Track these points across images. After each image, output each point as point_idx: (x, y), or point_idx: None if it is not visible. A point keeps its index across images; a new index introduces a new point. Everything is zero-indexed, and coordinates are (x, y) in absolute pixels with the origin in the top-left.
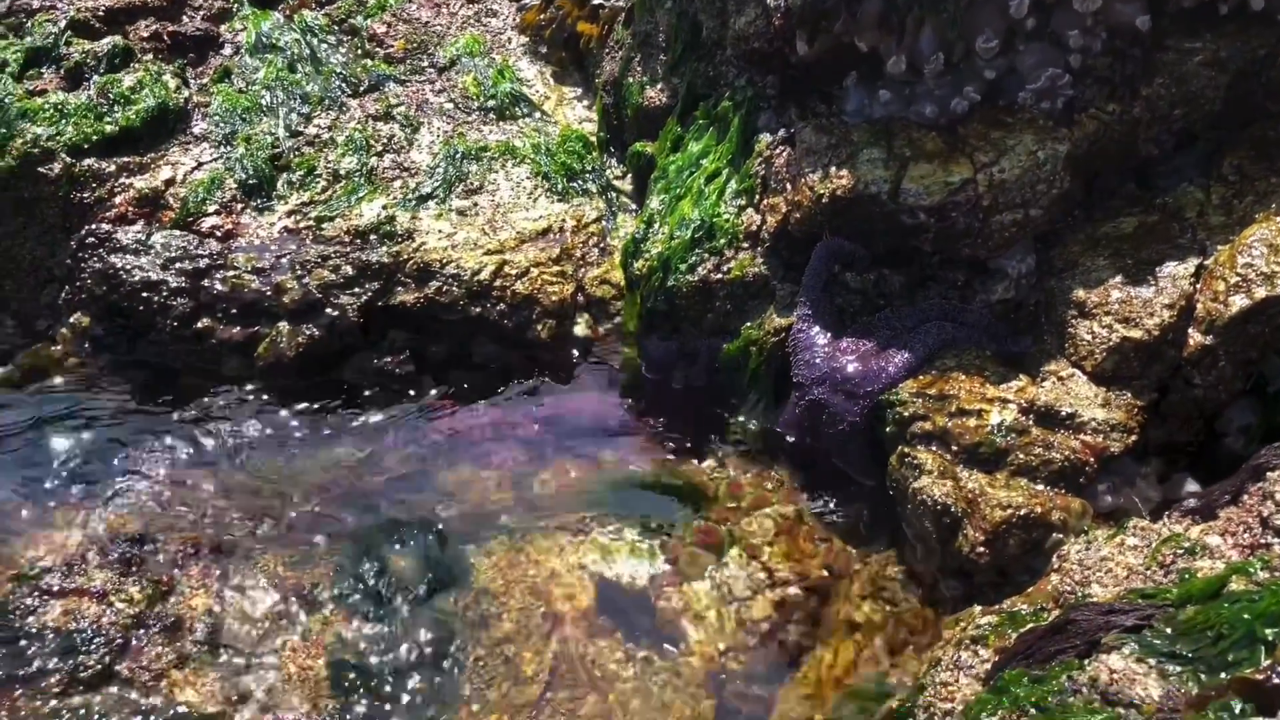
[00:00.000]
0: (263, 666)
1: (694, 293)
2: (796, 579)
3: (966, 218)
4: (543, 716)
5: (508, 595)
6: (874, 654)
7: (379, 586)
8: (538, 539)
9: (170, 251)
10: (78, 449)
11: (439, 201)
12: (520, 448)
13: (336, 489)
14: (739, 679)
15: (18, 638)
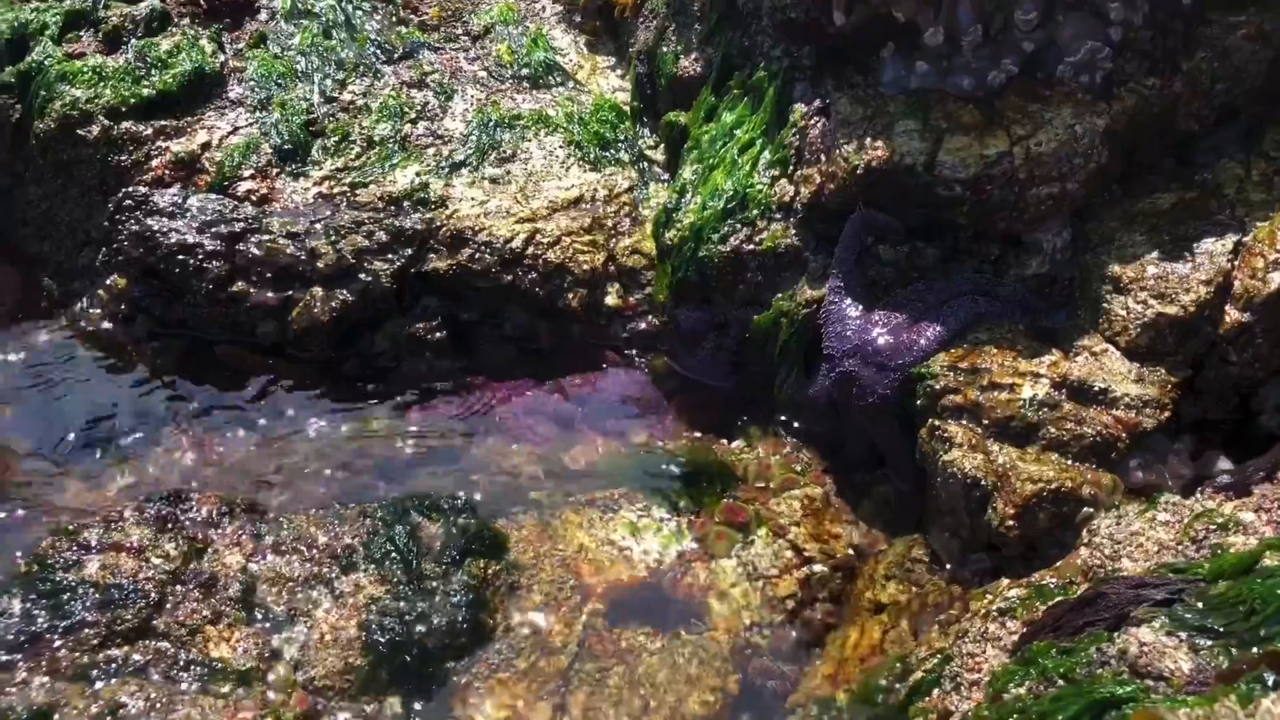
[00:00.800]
0: (295, 626)
1: (726, 263)
2: (823, 559)
3: (1002, 191)
4: (571, 687)
5: (537, 567)
6: (900, 634)
7: (410, 553)
8: (567, 513)
9: (206, 215)
10: (114, 409)
11: (472, 169)
12: (550, 421)
13: (368, 455)
14: (764, 655)
15: (57, 591)
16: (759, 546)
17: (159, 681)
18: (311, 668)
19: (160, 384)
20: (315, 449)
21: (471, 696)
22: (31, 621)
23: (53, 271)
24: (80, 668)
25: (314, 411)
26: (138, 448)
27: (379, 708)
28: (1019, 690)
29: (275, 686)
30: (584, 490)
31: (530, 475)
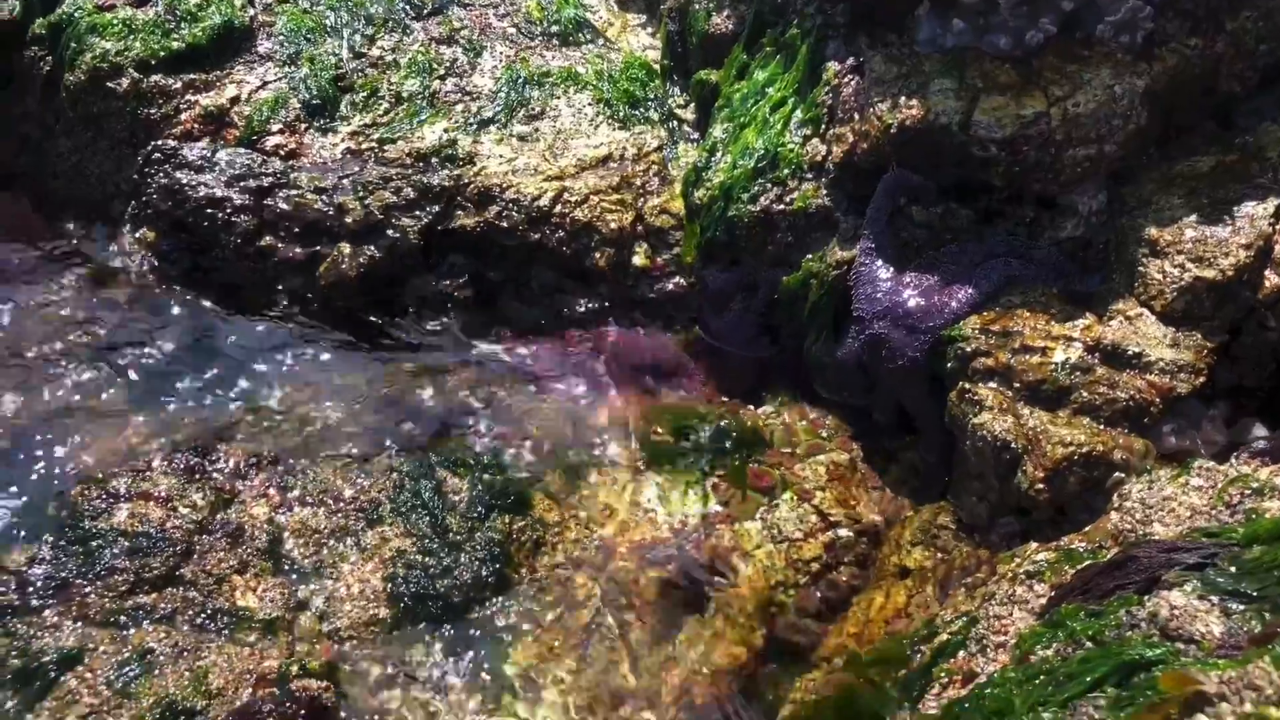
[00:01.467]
0: (321, 576)
1: (755, 223)
2: (848, 523)
3: (1038, 152)
4: (594, 640)
5: (562, 524)
6: (925, 599)
7: (436, 508)
8: (592, 472)
9: (234, 169)
10: (143, 360)
11: (500, 126)
12: (577, 380)
13: (395, 410)
14: (789, 614)
15: (87, 538)
16: (784, 510)
17: (186, 629)
18: (336, 618)
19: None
20: (341, 402)
21: (495, 648)
22: (62, 567)
23: (82, 220)
24: (109, 613)
25: (342, 364)
26: (165, 394)
27: (403, 658)
28: (1046, 652)
29: (300, 636)
30: (609, 450)
31: (556, 433)
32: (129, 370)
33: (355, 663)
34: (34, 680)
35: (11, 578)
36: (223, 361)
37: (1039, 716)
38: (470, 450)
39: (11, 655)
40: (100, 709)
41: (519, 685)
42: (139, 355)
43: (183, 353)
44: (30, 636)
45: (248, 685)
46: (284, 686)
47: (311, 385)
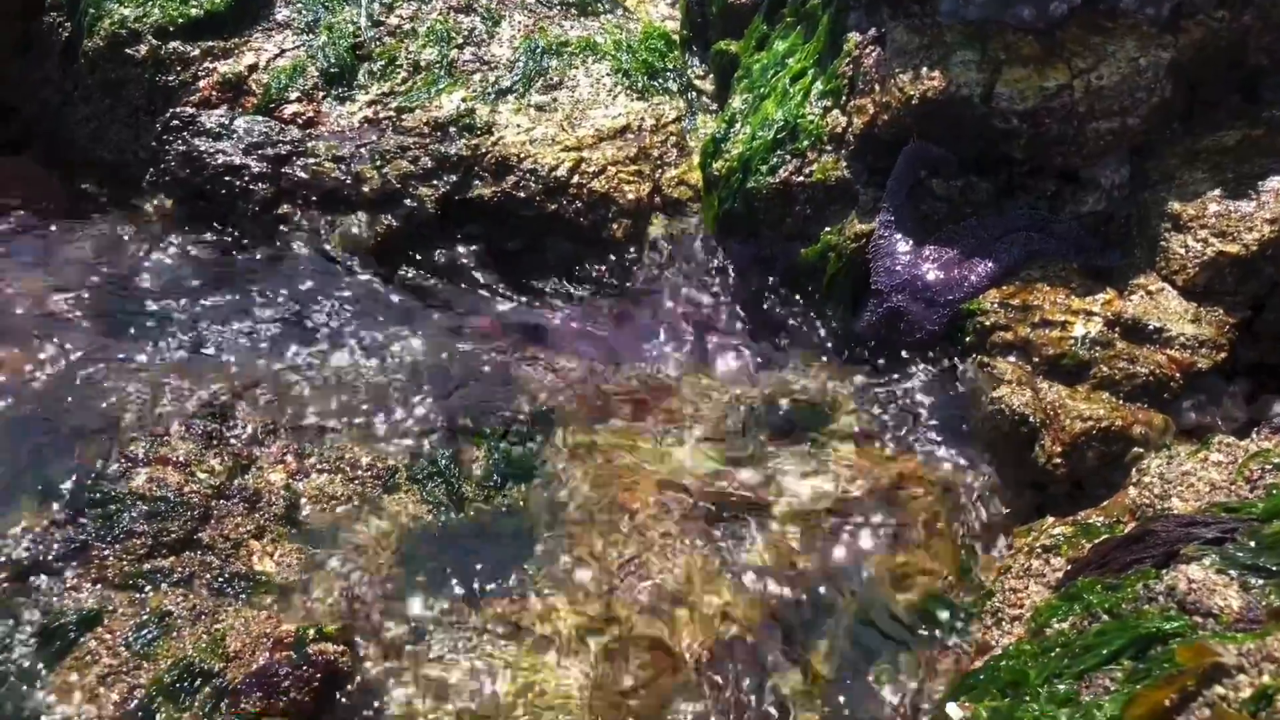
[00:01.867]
0: (337, 541)
1: (774, 195)
2: (867, 485)
3: (1060, 125)
4: (615, 604)
5: (579, 486)
6: (942, 563)
7: (453, 473)
8: (609, 435)
9: (252, 137)
10: (160, 326)
11: (518, 96)
12: (594, 345)
13: (411, 376)
14: (809, 572)
15: (106, 501)
16: (803, 471)
17: (203, 592)
18: (352, 583)
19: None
20: (359, 366)
21: (512, 611)
22: (81, 530)
23: (100, 186)
24: (128, 576)
25: (358, 332)
26: (181, 356)
27: (420, 622)
28: (1062, 625)
29: (317, 600)
30: (626, 412)
31: (574, 397)
32: (145, 335)
33: (371, 627)
34: (54, 640)
35: (31, 539)
36: (240, 327)
37: (1054, 688)
38: (486, 415)
39: (32, 615)
40: (119, 669)
41: (536, 650)
42: (156, 321)
43: (198, 319)
44: (50, 597)
45: (265, 649)
46: (301, 650)
47: (327, 351)
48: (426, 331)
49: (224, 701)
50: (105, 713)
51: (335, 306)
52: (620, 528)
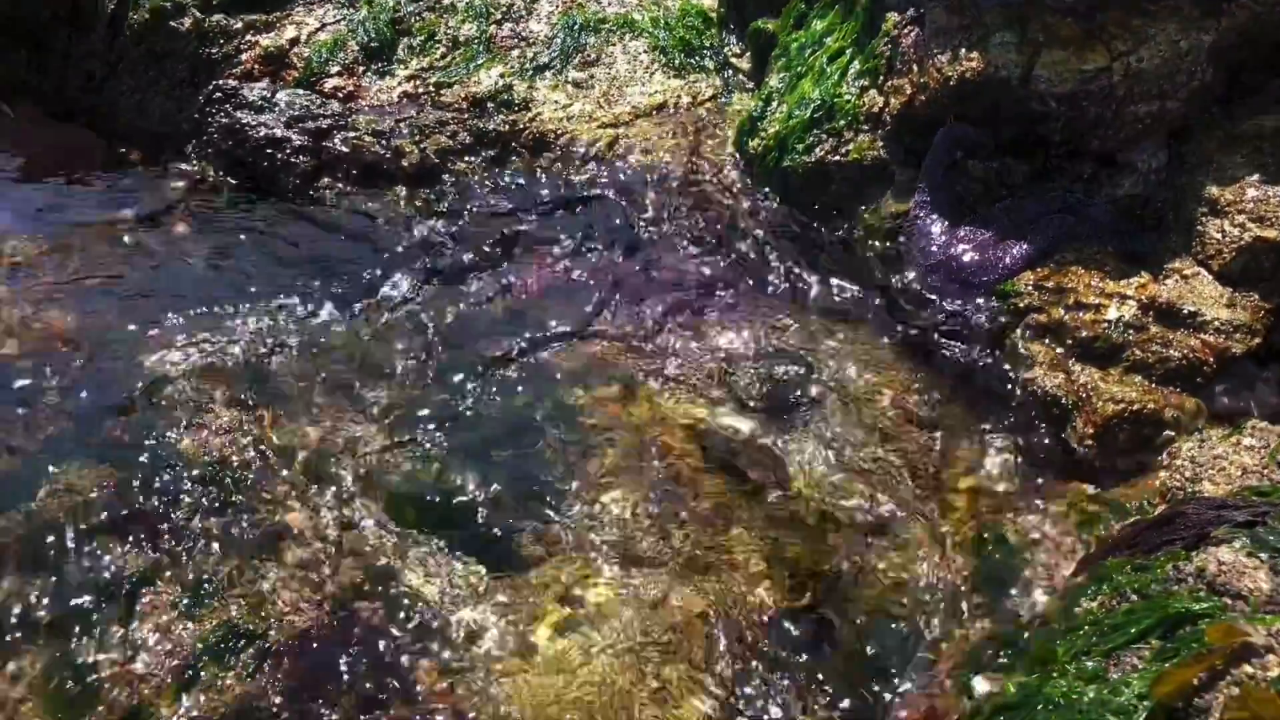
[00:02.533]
0: (372, 497)
1: (810, 174)
2: (902, 442)
3: (1099, 107)
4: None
5: (613, 434)
6: (974, 530)
7: (483, 427)
8: (644, 386)
9: (294, 110)
10: (204, 292)
11: (556, 72)
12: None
13: (445, 339)
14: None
15: (152, 464)
16: (837, 432)
17: (246, 551)
18: (389, 535)
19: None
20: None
21: (543, 564)
22: (128, 492)
23: (144, 156)
24: (174, 536)
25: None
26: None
27: (453, 571)
28: (1090, 604)
29: (352, 555)
30: (661, 364)
31: (609, 349)
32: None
33: (406, 581)
34: (104, 599)
35: (82, 501)
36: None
37: (1082, 665)
38: (518, 373)
39: (82, 575)
40: (165, 627)
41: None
42: (197, 286)
43: (239, 285)
44: (99, 556)
45: (305, 606)
46: (341, 606)
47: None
48: (462, 299)
49: (268, 658)
50: (153, 671)
51: (372, 275)
52: (656, 481)
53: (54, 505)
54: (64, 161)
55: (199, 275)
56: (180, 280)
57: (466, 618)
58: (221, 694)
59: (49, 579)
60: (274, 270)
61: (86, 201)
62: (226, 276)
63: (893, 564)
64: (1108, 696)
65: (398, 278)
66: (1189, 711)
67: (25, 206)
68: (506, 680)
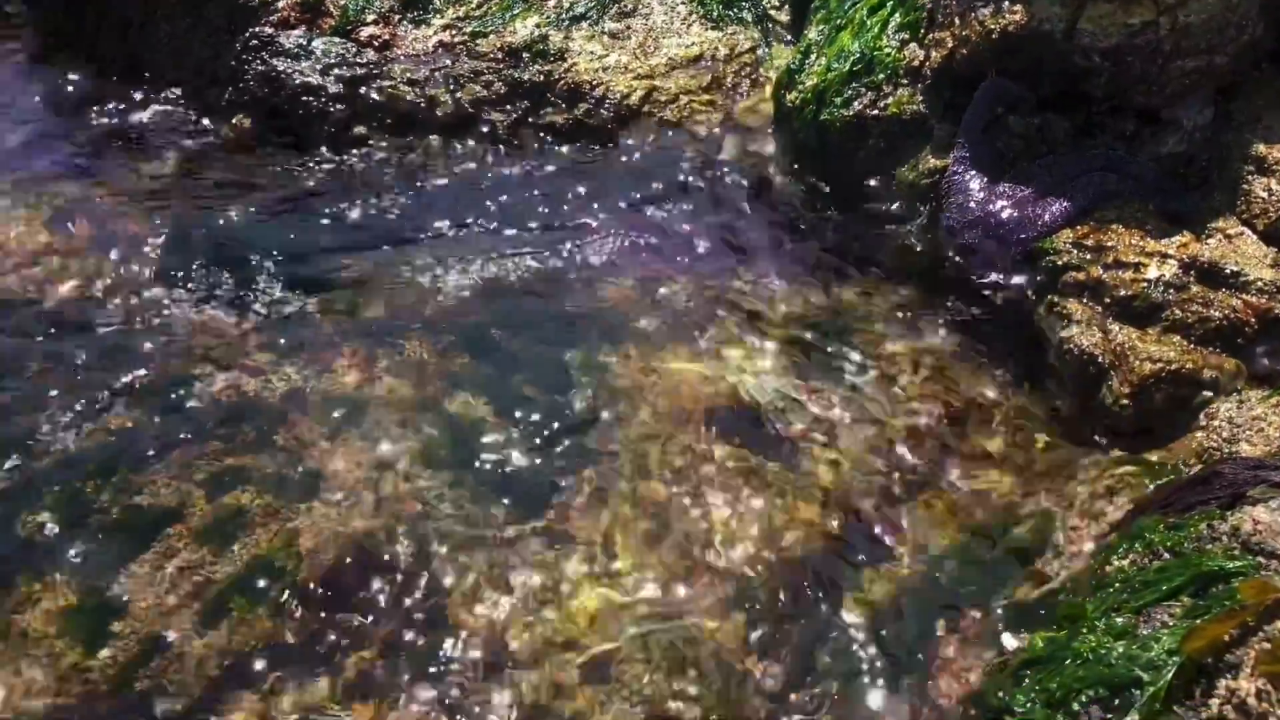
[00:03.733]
0: (405, 442)
1: (847, 128)
2: (934, 408)
3: (1144, 63)
4: (669, 511)
5: (639, 397)
6: (1007, 489)
7: (516, 378)
8: (670, 347)
9: (330, 58)
10: (237, 238)
11: (591, 23)
12: (658, 259)
13: (478, 287)
14: (868, 496)
15: (185, 404)
16: (869, 392)
17: (276, 490)
18: (420, 481)
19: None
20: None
21: (572, 515)
22: (163, 429)
23: (180, 104)
24: (205, 474)
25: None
26: (257, 268)
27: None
28: (1122, 562)
29: (386, 497)
30: (689, 326)
31: (636, 307)
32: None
33: (437, 526)
34: (137, 533)
35: (117, 436)
36: (315, 240)
37: (1112, 621)
38: (551, 324)
39: (116, 509)
40: (197, 562)
41: (590, 552)
42: (233, 233)
43: (275, 231)
44: (134, 492)
45: (335, 547)
46: (371, 549)
47: (399, 262)
48: (496, 250)
49: (297, 596)
50: (183, 604)
51: (406, 223)
52: (680, 440)
53: (88, 444)
54: (99, 113)
55: (234, 224)
56: (215, 229)
57: (495, 562)
58: (251, 627)
59: (82, 514)
60: (309, 218)
61: (122, 154)
62: (260, 225)
63: (920, 522)
64: (1137, 651)
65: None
66: (1219, 667)
67: (61, 160)
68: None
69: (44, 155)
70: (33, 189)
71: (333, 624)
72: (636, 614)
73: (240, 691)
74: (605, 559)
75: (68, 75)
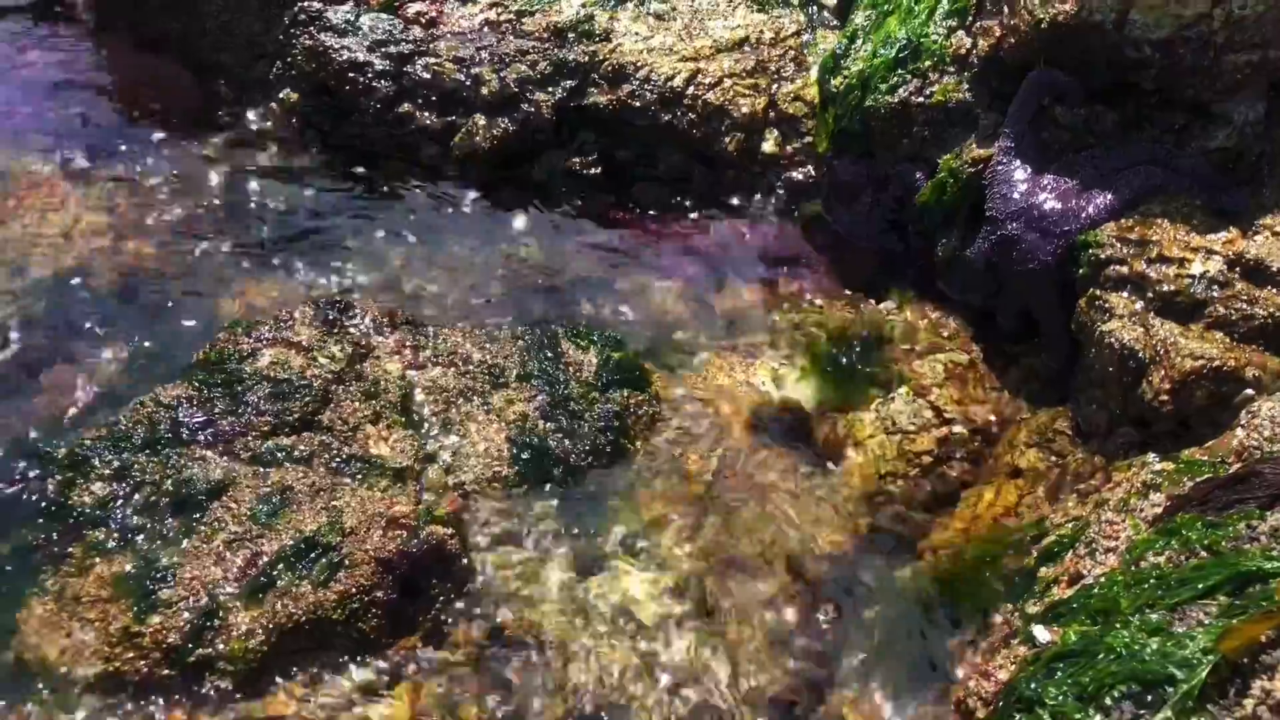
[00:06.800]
0: (449, 433)
1: (892, 115)
2: (963, 421)
3: (1195, 55)
4: (704, 513)
5: (678, 402)
6: (1035, 499)
7: (558, 377)
8: (710, 354)
9: (377, 34)
10: (284, 218)
11: (637, 4)
12: (699, 263)
13: (522, 279)
14: (896, 503)
15: (232, 381)
16: (899, 404)
17: (322, 471)
18: (462, 472)
19: (328, 192)
20: (473, 267)
21: (608, 512)
22: (210, 405)
23: (229, 81)
24: (252, 451)
25: (473, 232)
26: (303, 252)
27: (523, 513)
28: (1157, 559)
29: (428, 486)
30: (728, 334)
31: (676, 314)
32: (270, 224)
33: (477, 515)
34: (186, 506)
35: (166, 412)
36: (360, 222)
37: (1146, 618)
38: (593, 325)
39: (166, 483)
40: (243, 536)
41: (628, 548)
42: (281, 210)
43: (321, 211)
44: (182, 466)
45: (379, 527)
46: (412, 530)
47: (443, 249)
48: (538, 235)
49: (340, 574)
50: (230, 575)
51: (451, 207)
52: (717, 444)
53: (138, 418)
54: (149, 88)
55: (282, 200)
56: (263, 205)
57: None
58: (296, 602)
59: (134, 486)
60: (357, 197)
61: (172, 129)
62: (308, 202)
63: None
64: (1171, 649)
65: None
66: (1255, 667)
67: (112, 136)
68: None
69: (95, 130)
70: (84, 164)
71: (377, 603)
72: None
73: (284, 665)
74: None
75: (120, 50)
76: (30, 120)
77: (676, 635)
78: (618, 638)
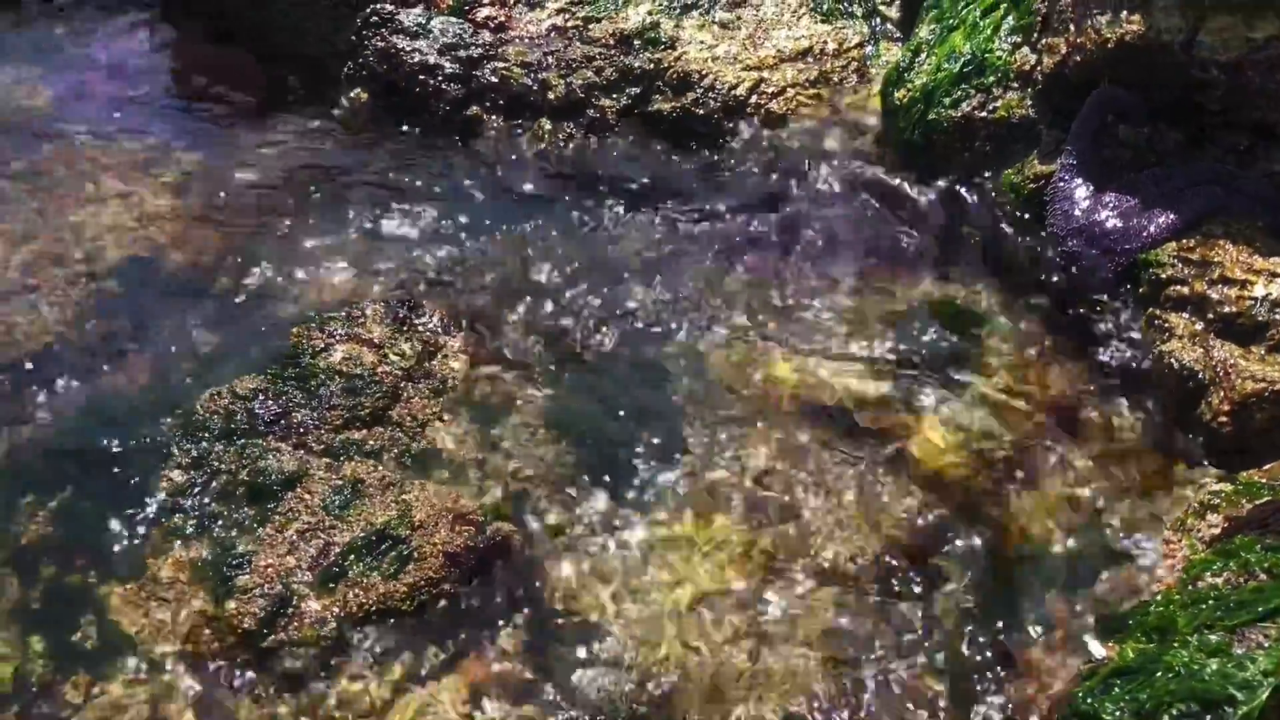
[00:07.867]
0: (511, 425)
1: (954, 129)
2: (1031, 410)
3: (1263, 78)
4: (760, 500)
5: (738, 388)
6: (1099, 494)
7: (620, 365)
8: (773, 341)
9: (447, 37)
10: (356, 215)
11: (703, 12)
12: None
13: (585, 273)
14: (961, 493)
15: (306, 375)
16: (966, 392)
17: (392, 465)
18: (525, 467)
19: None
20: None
21: (667, 506)
22: (283, 399)
23: (299, 76)
24: (325, 444)
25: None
26: (376, 245)
27: (582, 504)
28: (1215, 580)
29: (491, 478)
30: (792, 322)
31: (741, 300)
32: (342, 220)
33: (538, 509)
34: (261, 496)
35: (241, 404)
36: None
37: (1205, 638)
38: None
39: (241, 474)
40: (316, 526)
41: (690, 538)
42: (354, 206)
43: (392, 209)
44: (257, 458)
45: (446, 522)
46: (479, 526)
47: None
48: (600, 237)
49: (410, 566)
50: (303, 564)
51: (517, 208)
52: (765, 436)
53: (214, 409)
54: (222, 82)
55: (352, 198)
56: (333, 202)
57: (593, 544)
58: (366, 591)
59: (211, 474)
60: (426, 198)
61: (245, 122)
62: (378, 200)
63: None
64: (1231, 670)
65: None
66: None
67: (186, 126)
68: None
69: (170, 122)
70: (159, 155)
71: (443, 595)
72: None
73: (352, 653)
74: (702, 545)
75: (195, 45)
76: (106, 107)
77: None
78: (679, 626)
